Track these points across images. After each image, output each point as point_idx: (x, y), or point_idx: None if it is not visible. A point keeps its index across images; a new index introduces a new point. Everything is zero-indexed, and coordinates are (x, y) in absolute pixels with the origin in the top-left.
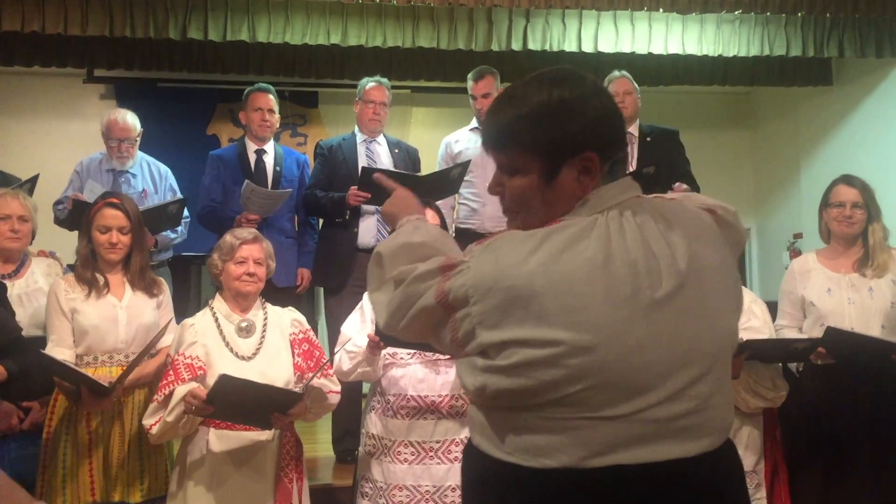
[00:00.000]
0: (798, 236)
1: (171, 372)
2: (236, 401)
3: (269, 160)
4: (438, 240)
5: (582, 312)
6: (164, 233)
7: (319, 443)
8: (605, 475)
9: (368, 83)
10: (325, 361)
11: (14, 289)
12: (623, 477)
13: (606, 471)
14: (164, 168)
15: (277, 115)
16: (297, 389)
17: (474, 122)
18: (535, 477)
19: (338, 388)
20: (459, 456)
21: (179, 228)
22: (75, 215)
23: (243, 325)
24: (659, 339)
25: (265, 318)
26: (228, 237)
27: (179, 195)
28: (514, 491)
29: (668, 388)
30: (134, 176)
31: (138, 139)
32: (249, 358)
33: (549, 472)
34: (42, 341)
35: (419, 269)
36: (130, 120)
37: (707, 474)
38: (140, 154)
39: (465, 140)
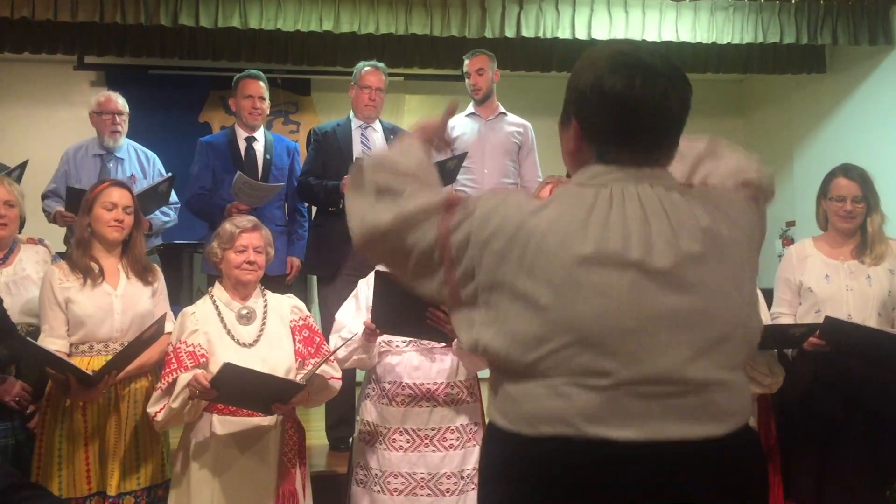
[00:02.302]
0: (791, 224)
1: (173, 360)
2: (239, 388)
3: (259, 147)
4: (424, 172)
5: (568, 271)
6: (156, 216)
7: (313, 430)
8: (603, 447)
9: (364, 67)
10: (328, 352)
11: (1, 276)
12: (622, 452)
13: (604, 443)
14: (151, 154)
15: (268, 102)
16: (299, 379)
17: (471, 108)
18: (534, 444)
19: (339, 374)
20: (454, 444)
21: (171, 213)
22: (72, 204)
23: (244, 312)
24: (643, 309)
25: (265, 306)
26: (228, 225)
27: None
28: (516, 458)
29: (658, 365)
30: (122, 160)
31: (127, 120)
32: (251, 345)
33: (547, 439)
34: (31, 330)
35: (422, 199)
36: (121, 99)
37: (716, 459)
38: (127, 140)
39: (462, 125)
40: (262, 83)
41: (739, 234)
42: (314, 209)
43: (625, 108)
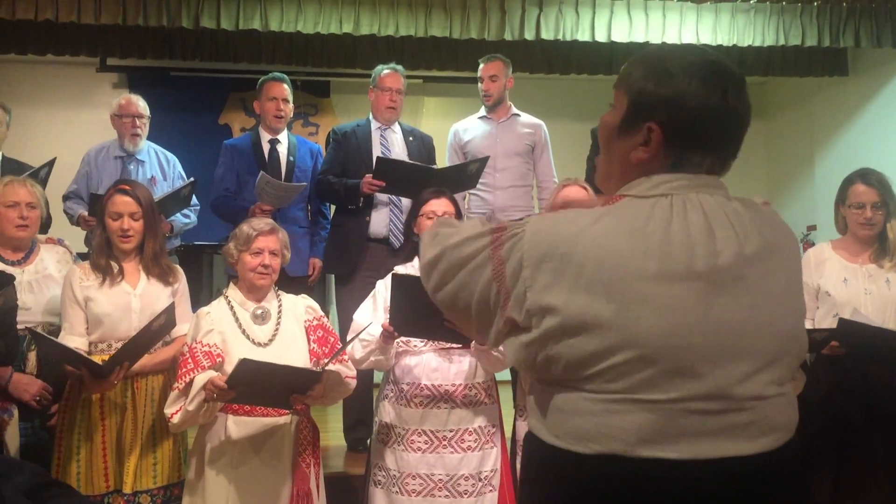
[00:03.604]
0: (812, 228)
1: (189, 360)
2: (256, 384)
3: (282, 150)
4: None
5: (631, 285)
6: (177, 218)
7: (330, 431)
8: (652, 467)
9: (383, 70)
10: (339, 348)
11: (23, 275)
12: (671, 471)
13: (654, 462)
14: (171, 156)
15: (291, 105)
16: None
17: (483, 111)
18: (583, 462)
19: (353, 372)
20: (472, 445)
21: (192, 215)
22: (95, 209)
23: (258, 312)
24: (709, 324)
25: (280, 306)
26: (245, 227)
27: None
28: (562, 475)
29: (718, 380)
30: (142, 163)
31: (147, 123)
32: (266, 344)
33: (597, 457)
34: (52, 329)
35: (464, 233)
36: (142, 102)
37: (762, 475)
38: (147, 142)
39: (474, 128)
40: (286, 85)
41: (793, 244)
42: (334, 209)
43: (719, 120)
